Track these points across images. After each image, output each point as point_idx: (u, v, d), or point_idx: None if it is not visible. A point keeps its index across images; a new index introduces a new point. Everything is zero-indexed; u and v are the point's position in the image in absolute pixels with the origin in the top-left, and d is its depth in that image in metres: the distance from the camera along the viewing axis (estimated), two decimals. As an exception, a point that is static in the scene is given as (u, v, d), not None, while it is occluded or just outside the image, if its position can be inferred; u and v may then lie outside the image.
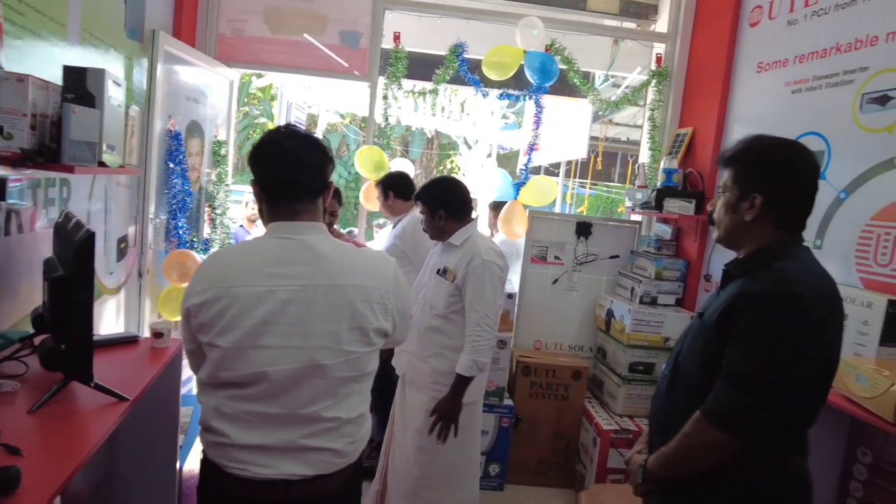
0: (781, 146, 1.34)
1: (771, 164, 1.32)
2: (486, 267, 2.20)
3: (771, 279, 1.23)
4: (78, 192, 2.10)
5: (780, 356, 1.19)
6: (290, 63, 3.56)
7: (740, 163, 1.35)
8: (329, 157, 1.34)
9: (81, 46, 2.01)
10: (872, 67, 2.37)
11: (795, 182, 1.32)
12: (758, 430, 1.21)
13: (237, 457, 1.25)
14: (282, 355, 1.22)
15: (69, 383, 1.39)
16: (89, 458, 1.17)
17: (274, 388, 1.23)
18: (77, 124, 1.38)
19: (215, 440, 1.26)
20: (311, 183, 1.31)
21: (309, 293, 1.24)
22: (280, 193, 1.30)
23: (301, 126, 1.35)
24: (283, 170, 1.28)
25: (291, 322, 1.23)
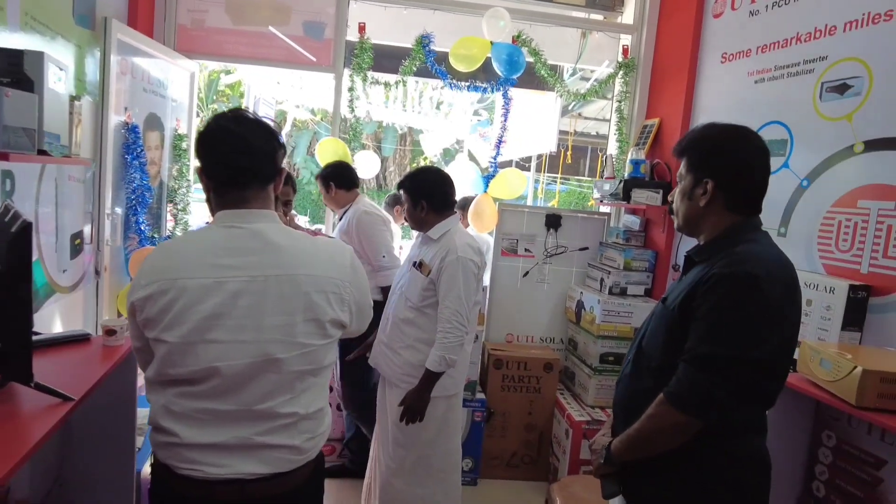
0: (728, 131, 1.38)
1: (718, 149, 1.36)
2: (460, 263, 2.17)
3: (730, 262, 1.25)
4: (23, 185, 2.00)
5: (738, 336, 1.20)
6: (254, 55, 3.47)
7: (691, 151, 1.39)
8: (280, 143, 1.29)
9: (23, 32, 1.91)
10: (831, 56, 2.40)
11: (742, 164, 1.36)
12: (718, 411, 1.22)
13: (188, 457, 1.19)
14: (233, 350, 1.17)
15: (7, 384, 1.31)
16: (24, 462, 1.10)
17: (226, 385, 1.18)
18: (11, 109, 1.30)
19: (165, 440, 1.20)
20: (260, 169, 1.25)
21: (260, 284, 1.19)
22: (228, 181, 1.24)
23: (253, 113, 1.29)
24: (231, 155, 1.22)
25: (242, 315, 1.17)
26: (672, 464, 1.32)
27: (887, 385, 1.65)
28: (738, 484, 1.31)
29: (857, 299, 2.08)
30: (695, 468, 1.31)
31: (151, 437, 1.24)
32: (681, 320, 1.30)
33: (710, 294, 1.24)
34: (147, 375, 1.24)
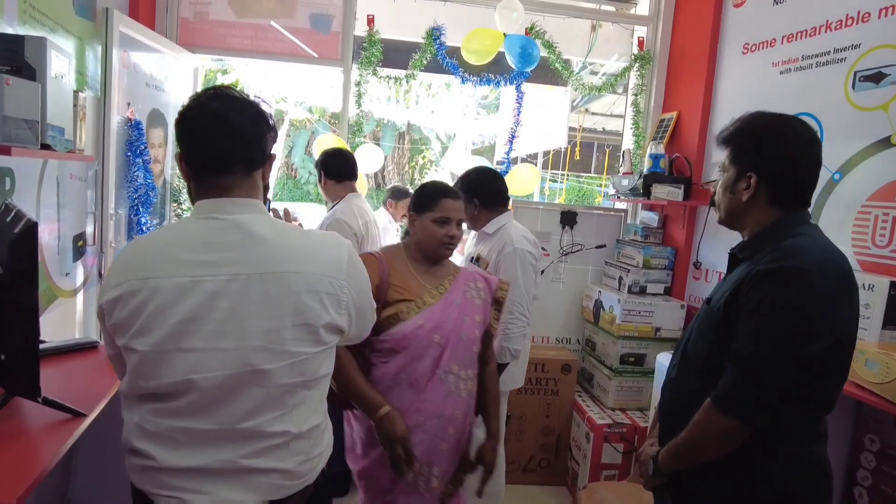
0: (775, 122, 1.31)
1: (763, 141, 1.28)
2: (518, 255, 2.22)
3: (777, 257, 1.18)
4: (24, 184, 1.89)
5: (787, 334, 1.12)
6: (258, 49, 3.36)
7: (735, 141, 1.33)
8: (269, 124, 1.13)
9: (22, 24, 1.79)
10: (865, 44, 2.31)
11: (788, 158, 1.27)
12: (767, 414, 1.14)
13: (166, 482, 1.04)
14: (211, 359, 1.02)
15: (12, 399, 1.20)
16: (38, 483, 1.00)
17: (204, 400, 1.03)
18: (12, 98, 1.19)
19: (140, 463, 1.06)
20: (244, 153, 1.09)
21: (242, 283, 1.04)
22: (208, 166, 1.08)
23: (240, 92, 1.13)
24: (211, 137, 1.06)
25: (221, 319, 1.03)
26: (723, 472, 1.24)
27: (942, 387, 1.56)
28: (794, 493, 1.22)
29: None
30: (747, 477, 1.22)
31: (126, 461, 1.09)
32: (726, 320, 1.23)
33: (756, 291, 1.17)
34: (121, 389, 1.09)
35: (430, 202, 1.66)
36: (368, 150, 3.36)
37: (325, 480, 1.23)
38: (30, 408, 1.23)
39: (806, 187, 1.31)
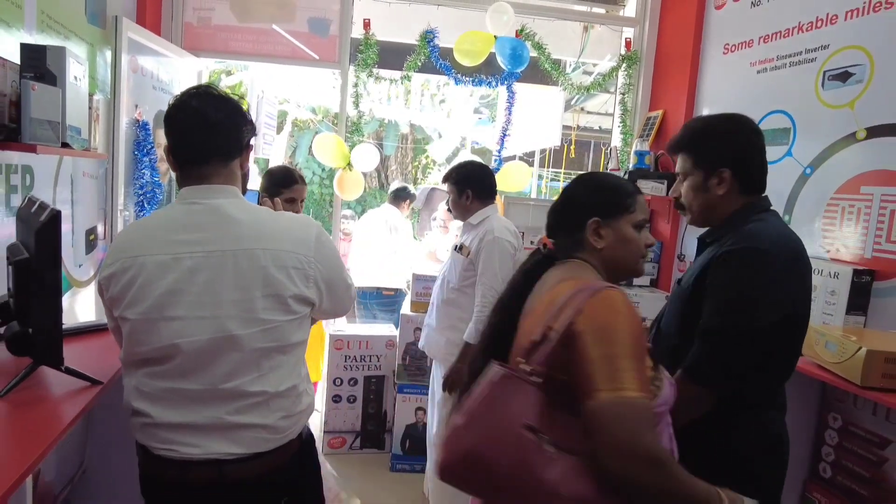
0: (727, 120, 1.45)
1: (728, 138, 1.41)
2: (496, 243, 2.36)
3: (738, 240, 1.31)
4: (42, 180, 2.04)
5: (744, 307, 1.26)
6: (259, 52, 3.50)
7: (695, 146, 1.43)
8: (244, 118, 1.27)
9: (40, 32, 1.94)
10: (833, 45, 2.43)
11: (749, 147, 1.41)
12: (730, 381, 1.26)
13: (163, 437, 1.19)
14: (192, 326, 1.16)
15: (38, 368, 1.35)
16: (59, 440, 1.14)
17: (189, 363, 1.17)
18: (37, 102, 1.34)
19: (140, 421, 1.21)
20: (218, 144, 1.23)
21: (217, 259, 1.18)
22: (189, 157, 1.23)
23: (218, 89, 1.28)
24: (190, 131, 1.21)
25: (200, 291, 1.17)
26: (690, 439, 1.33)
27: (891, 365, 1.69)
28: (754, 458, 1.34)
29: (860, 283, 2.11)
30: (716, 443, 1.32)
31: (130, 421, 1.24)
32: (694, 299, 1.34)
33: (720, 270, 1.30)
34: (120, 357, 1.25)
35: (626, 200, 1.17)
36: (365, 150, 3.50)
37: (309, 439, 1.37)
38: (53, 376, 1.38)
39: (764, 171, 1.44)
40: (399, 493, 2.97)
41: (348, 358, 3.26)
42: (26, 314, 1.32)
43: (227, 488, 1.22)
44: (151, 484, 1.28)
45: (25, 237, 1.41)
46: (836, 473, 2.12)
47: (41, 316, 1.27)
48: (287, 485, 1.30)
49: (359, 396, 3.29)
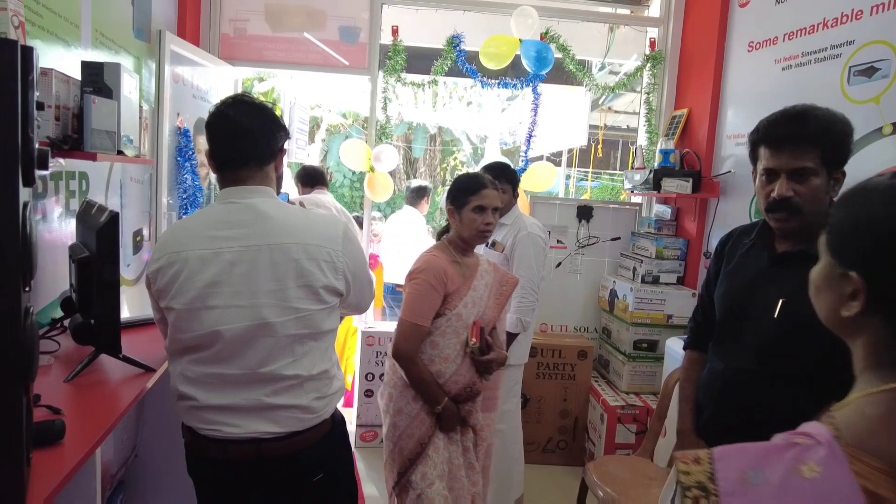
0: (841, 115, 1.33)
1: (850, 137, 1.30)
2: (531, 238, 2.52)
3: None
4: (95, 185, 2.20)
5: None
6: (292, 60, 3.65)
7: (829, 141, 1.28)
8: (277, 125, 1.38)
9: (94, 48, 2.10)
10: (858, 40, 2.43)
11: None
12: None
13: (208, 418, 1.30)
14: (231, 314, 1.27)
15: (99, 356, 1.48)
16: (122, 418, 1.26)
17: (228, 349, 1.28)
18: (97, 114, 1.47)
19: (187, 405, 1.32)
20: (253, 150, 1.33)
21: (252, 253, 1.28)
22: (226, 162, 1.34)
23: (251, 98, 1.41)
24: (227, 139, 1.33)
25: (238, 282, 1.27)
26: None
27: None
28: None
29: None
30: None
31: (177, 406, 1.36)
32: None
33: None
34: (166, 346, 1.37)
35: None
36: (383, 150, 3.56)
37: (341, 420, 1.48)
38: (111, 364, 1.51)
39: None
40: (429, 485, 3.06)
41: (379, 354, 3.36)
42: (88, 307, 1.45)
43: (265, 465, 1.33)
44: (197, 462, 1.40)
45: (85, 237, 1.55)
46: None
47: (102, 308, 1.40)
48: (321, 462, 1.40)
49: (389, 391, 3.39)
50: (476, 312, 1.90)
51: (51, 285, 1.85)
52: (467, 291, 1.88)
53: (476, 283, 1.91)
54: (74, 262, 1.49)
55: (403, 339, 1.80)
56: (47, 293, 1.83)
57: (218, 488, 1.41)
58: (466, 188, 1.90)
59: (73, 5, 1.94)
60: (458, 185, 1.94)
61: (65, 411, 1.20)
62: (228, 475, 1.36)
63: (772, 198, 1.30)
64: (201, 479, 1.44)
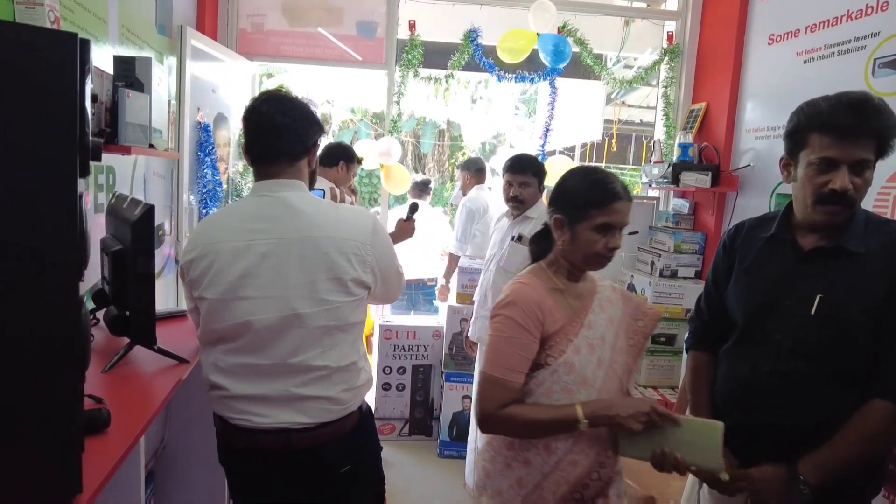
0: (884, 104, 1.24)
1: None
2: None
3: None
4: (121, 179, 2.22)
5: None
6: (309, 55, 3.65)
7: (886, 134, 1.22)
8: (311, 121, 1.39)
9: (121, 44, 2.12)
10: (884, 32, 2.41)
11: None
12: None
13: (238, 407, 1.33)
14: (263, 305, 1.29)
15: (134, 347, 1.50)
16: (162, 407, 1.28)
17: (259, 339, 1.30)
18: (131, 108, 1.49)
19: (218, 394, 1.35)
20: (287, 146, 1.35)
21: (284, 246, 1.30)
22: (260, 157, 1.37)
23: (286, 93, 1.42)
24: (260, 134, 1.35)
25: (270, 274, 1.29)
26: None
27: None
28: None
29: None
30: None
31: (209, 395, 1.38)
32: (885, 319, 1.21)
33: None
34: (198, 335, 1.40)
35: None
36: (388, 142, 3.54)
37: (368, 413, 1.49)
38: (145, 355, 1.53)
39: None
40: (446, 477, 3.08)
41: (397, 347, 3.38)
42: (123, 299, 1.47)
43: (294, 455, 1.35)
44: (228, 452, 1.43)
45: (118, 230, 1.56)
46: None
47: (137, 300, 1.42)
48: (349, 454, 1.42)
49: (407, 385, 3.41)
50: (596, 360, 1.34)
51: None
52: (578, 330, 1.34)
53: (592, 318, 1.37)
54: (108, 255, 1.51)
55: (487, 401, 1.28)
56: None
57: (247, 477, 1.43)
58: (590, 199, 1.32)
59: (101, 1, 1.95)
60: (576, 192, 1.36)
61: (106, 401, 1.22)
62: (257, 465, 1.38)
63: (829, 189, 1.22)
64: (232, 468, 1.46)
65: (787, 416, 1.30)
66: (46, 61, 0.74)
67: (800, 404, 1.29)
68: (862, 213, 1.30)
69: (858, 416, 1.22)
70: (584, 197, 1.33)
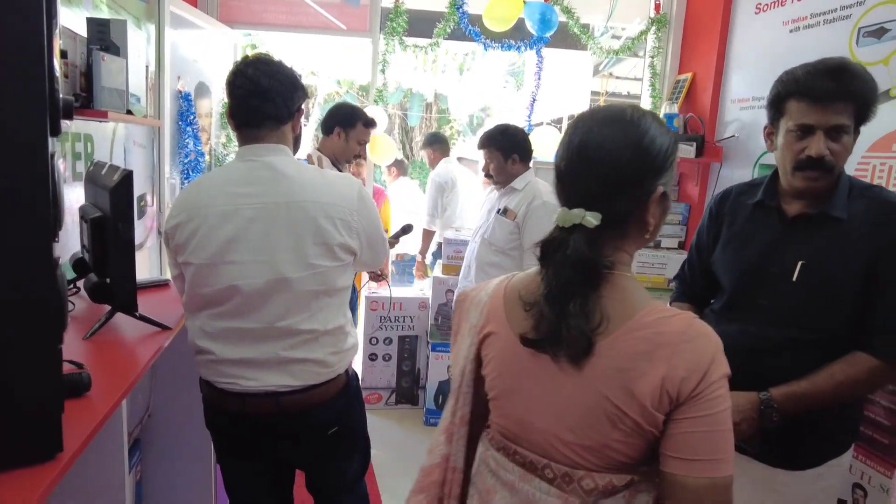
0: (869, 73, 1.25)
1: (877, 95, 1.25)
2: (546, 207, 2.41)
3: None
4: (100, 148, 2.18)
5: None
6: (292, 23, 3.58)
7: (864, 99, 1.23)
8: (295, 85, 1.39)
9: (95, 7, 2.05)
10: (868, 1, 2.41)
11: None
12: None
13: (226, 371, 1.34)
14: (251, 269, 1.29)
15: (115, 314, 1.50)
16: (143, 373, 1.29)
17: (247, 303, 1.31)
18: (106, 72, 1.46)
19: (205, 359, 1.36)
20: (273, 110, 1.35)
21: (271, 210, 1.30)
22: (245, 120, 1.36)
23: (270, 58, 1.39)
24: (246, 98, 1.34)
25: (257, 238, 1.30)
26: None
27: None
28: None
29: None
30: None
31: (195, 360, 1.39)
32: (848, 289, 1.25)
33: None
34: (183, 301, 1.40)
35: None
36: (372, 112, 3.48)
37: (354, 377, 1.51)
38: (126, 322, 1.52)
39: None
40: (433, 445, 3.13)
41: (383, 318, 3.40)
42: (103, 266, 1.46)
43: (282, 417, 1.37)
44: (216, 416, 1.44)
45: (97, 197, 1.54)
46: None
47: (118, 267, 1.41)
48: (337, 415, 1.44)
49: (394, 355, 3.44)
50: None
51: (61, 247, 1.84)
52: None
53: None
54: (87, 222, 1.49)
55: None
56: (59, 255, 1.83)
57: (236, 440, 1.45)
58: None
59: (73, -39, 1.89)
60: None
61: (87, 366, 1.22)
62: (246, 427, 1.40)
63: (805, 155, 1.24)
64: (219, 432, 1.48)
65: (771, 380, 1.32)
66: (9, 7, 0.72)
67: (785, 369, 1.31)
68: (846, 179, 1.32)
69: (841, 361, 1.27)
70: None
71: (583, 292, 0.81)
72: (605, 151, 0.82)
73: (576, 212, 0.82)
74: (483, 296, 0.97)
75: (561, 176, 0.87)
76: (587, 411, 0.82)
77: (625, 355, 0.80)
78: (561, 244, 0.83)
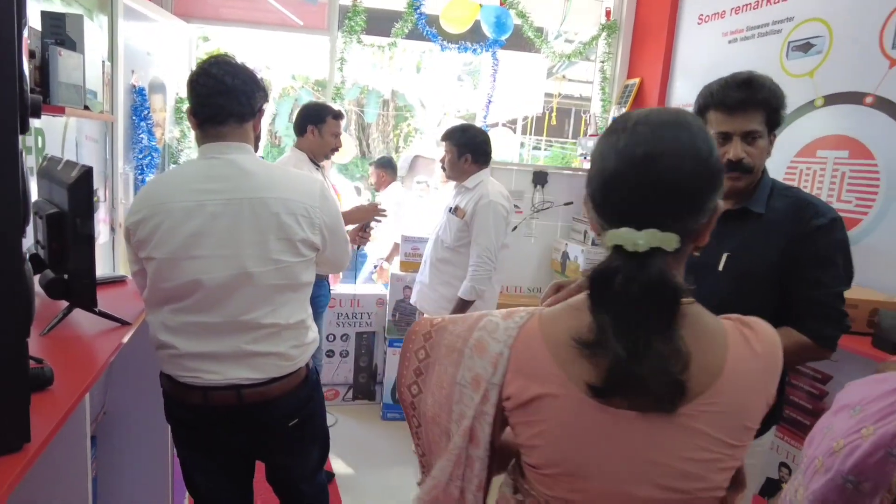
0: (776, 83, 1.39)
1: (784, 99, 1.38)
2: (491, 206, 2.49)
3: (824, 208, 1.38)
4: (51, 143, 2.14)
5: (851, 269, 1.40)
6: (249, 18, 3.56)
7: (772, 103, 1.35)
8: (257, 86, 1.43)
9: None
10: (797, 17, 2.60)
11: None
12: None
13: (189, 365, 1.37)
14: (214, 264, 1.32)
15: (73, 310, 1.50)
16: (104, 369, 1.30)
17: (210, 298, 1.34)
18: (64, 67, 1.45)
19: (167, 353, 1.38)
20: (235, 108, 1.38)
21: (235, 206, 1.34)
22: (208, 118, 1.38)
23: (232, 58, 1.43)
24: (209, 96, 1.37)
25: (221, 233, 1.33)
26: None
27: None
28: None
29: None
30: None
31: (157, 355, 1.41)
32: (771, 274, 1.38)
33: (830, 237, 1.35)
34: (144, 296, 1.42)
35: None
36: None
37: (315, 370, 1.56)
38: (85, 318, 1.52)
39: None
40: (390, 439, 3.19)
41: (340, 315, 3.43)
42: (61, 262, 1.46)
43: (244, 410, 1.40)
44: (178, 409, 1.46)
45: (52, 193, 1.54)
46: (784, 406, 2.36)
47: (77, 263, 1.41)
48: (297, 407, 1.49)
49: (351, 351, 3.48)
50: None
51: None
52: None
53: None
54: (42, 218, 1.48)
55: None
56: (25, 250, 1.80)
57: (196, 433, 1.48)
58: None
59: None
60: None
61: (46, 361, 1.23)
62: (208, 421, 1.43)
63: (727, 159, 1.36)
64: (180, 425, 1.50)
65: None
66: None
67: None
68: (769, 180, 1.47)
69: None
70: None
71: (665, 326, 0.70)
72: (680, 163, 0.71)
73: (649, 233, 0.70)
74: (488, 339, 0.81)
75: (612, 189, 0.73)
76: (685, 462, 0.72)
77: (740, 389, 0.74)
78: (632, 271, 0.70)
